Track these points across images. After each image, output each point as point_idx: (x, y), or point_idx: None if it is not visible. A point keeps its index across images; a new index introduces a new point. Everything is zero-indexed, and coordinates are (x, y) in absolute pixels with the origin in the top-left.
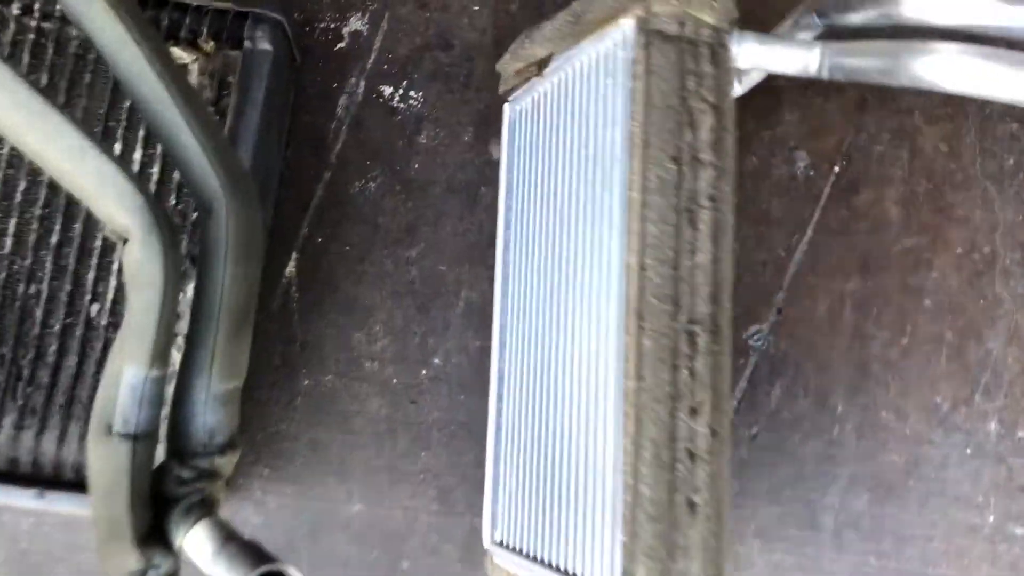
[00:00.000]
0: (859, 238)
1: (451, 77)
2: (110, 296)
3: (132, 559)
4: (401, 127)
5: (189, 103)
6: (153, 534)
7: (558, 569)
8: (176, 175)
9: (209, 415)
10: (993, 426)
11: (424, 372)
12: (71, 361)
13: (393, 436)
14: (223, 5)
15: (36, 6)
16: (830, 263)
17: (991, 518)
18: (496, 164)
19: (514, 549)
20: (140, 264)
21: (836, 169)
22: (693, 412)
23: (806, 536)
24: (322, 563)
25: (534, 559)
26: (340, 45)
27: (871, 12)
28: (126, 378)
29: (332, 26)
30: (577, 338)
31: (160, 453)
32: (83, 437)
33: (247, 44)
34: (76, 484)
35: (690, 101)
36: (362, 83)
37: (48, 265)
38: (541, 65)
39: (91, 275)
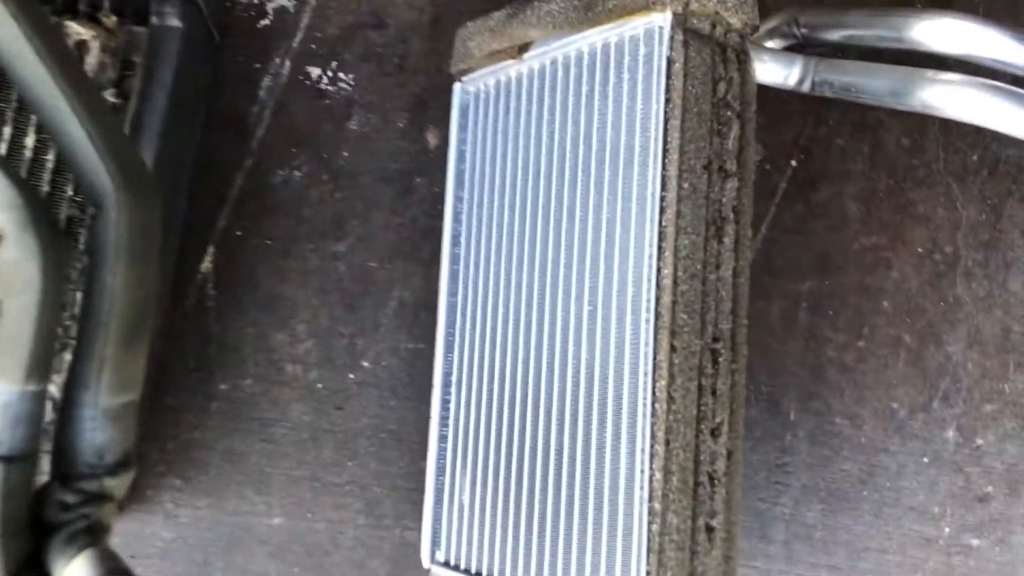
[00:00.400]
0: (816, 236)
1: (385, 58)
2: None
3: None
4: (329, 112)
5: (76, 87)
6: (30, 565)
7: None
8: None
9: (97, 432)
10: (951, 434)
11: (351, 376)
12: None
13: (317, 445)
14: None
15: None
16: (785, 262)
17: (947, 529)
18: (433, 153)
19: (468, 571)
20: (14, 265)
21: (793, 163)
22: (714, 434)
23: (755, 547)
24: None
25: None
26: (264, 22)
27: (867, 32)
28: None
29: (255, 1)
30: (584, 350)
31: None
32: None
33: (153, 20)
34: None
35: (719, 108)
36: (287, 64)
37: None
38: (523, 48)
39: None
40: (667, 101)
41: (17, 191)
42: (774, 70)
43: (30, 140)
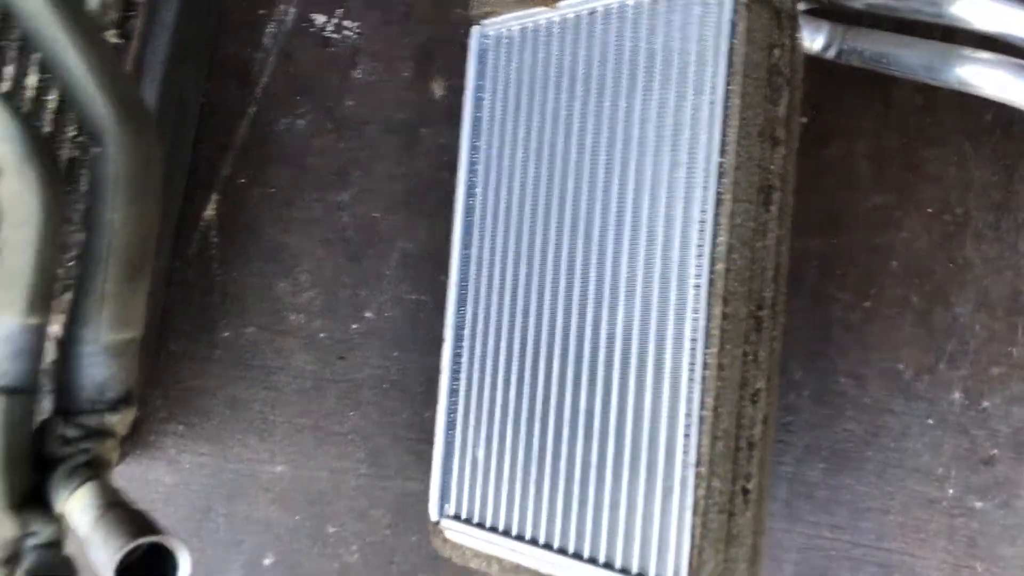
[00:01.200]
0: (825, 194)
1: (391, 6)
2: None
3: (7, 526)
4: (334, 60)
5: (75, 23)
6: (32, 499)
7: (576, 555)
8: None
9: (99, 368)
10: (957, 396)
11: (355, 326)
12: None
13: (320, 394)
14: None
15: None
16: (793, 219)
17: (951, 491)
18: (439, 103)
19: (481, 526)
20: (15, 198)
21: (804, 119)
22: (754, 400)
23: None
24: (241, 527)
25: (521, 539)
26: None
27: (902, 4)
28: (1, 328)
29: None
30: (620, 313)
31: None
32: None
33: None
34: None
35: (772, 75)
36: (292, 10)
37: None
38: None
39: None
40: (729, 65)
41: (17, 124)
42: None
43: (32, 80)
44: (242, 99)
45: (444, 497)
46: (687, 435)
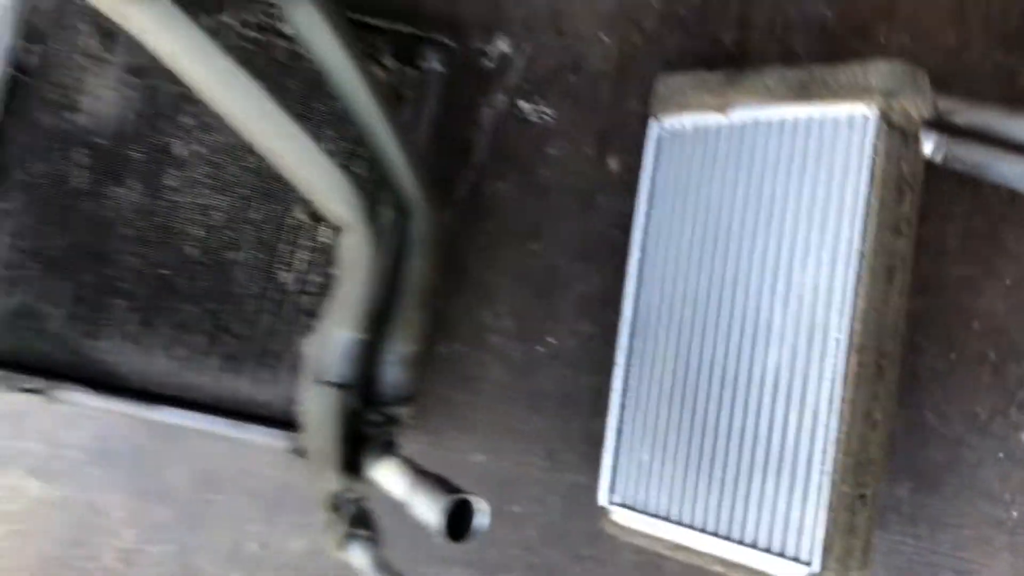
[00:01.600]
0: (921, 263)
1: (579, 97)
2: (299, 266)
3: (335, 482)
4: (533, 138)
5: (392, 121)
6: (350, 464)
7: (725, 536)
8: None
9: (396, 372)
10: (1023, 436)
11: (540, 349)
12: (266, 319)
13: (511, 401)
14: (405, 29)
15: (254, 20)
16: None
17: (1015, 514)
18: (613, 176)
19: (644, 511)
20: (355, 250)
21: None
22: (873, 427)
23: None
24: None
25: (678, 522)
26: (487, 63)
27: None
28: (339, 340)
29: (481, 47)
30: (772, 354)
31: None
32: (272, 382)
33: (424, 65)
34: (265, 419)
35: (901, 183)
36: (503, 98)
37: (250, 237)
38: (728, 106)
39: (285, 248)
40: (871, 177)
41: (355, 191)
42: None
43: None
44: (461, 167)
45: (612, 488)
46: (824, 451)
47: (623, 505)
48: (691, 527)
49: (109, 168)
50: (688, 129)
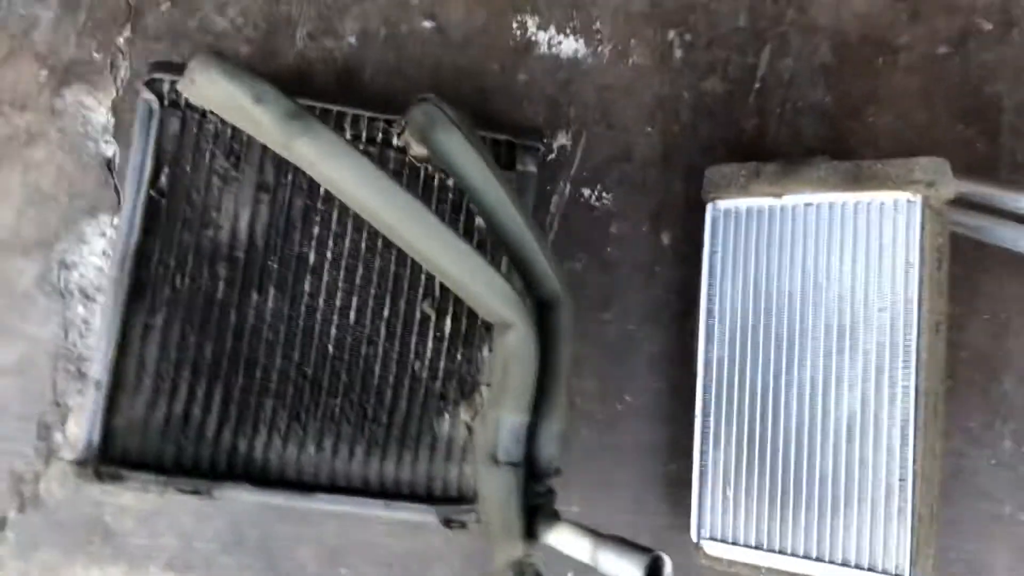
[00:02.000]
0: None
1: (633, 182)
2: (427, 356)
3: (519, 549)
4: (597, 220)
5: (535, 225)
6: (528, 532)
7: (816, 558)
8: None
9: (551, 447)
10: (1008, 443)
11: (619, 406)
12: (402, 405)
13: (598, 456)
14: (501, 136)
15: (369, 135)
16: None
17: (1007, 509)
18: (666, 248)
19: (736, 543)
20: (518, 345)
21: None
22: (934, 455)
23: None
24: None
25: (769, 549)
26: (551, 156)
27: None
28: (507, 424)
29: (546, 141)
30: (849, 401)
31: None
32: (413, 462)
33: (519, 167)
34: (410, 496)
35: (939, 252)
36: (568, 186)
37: (382, 331)
38: (783, 193)
39: (413, 339)
40: (920, 250)
41: (517, 295)
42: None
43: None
44: None
45: (701, 524)
46: (902, 479)
47: (712, 538)
48: (783, 552)
49: (248, 278)
50: (743, 210)
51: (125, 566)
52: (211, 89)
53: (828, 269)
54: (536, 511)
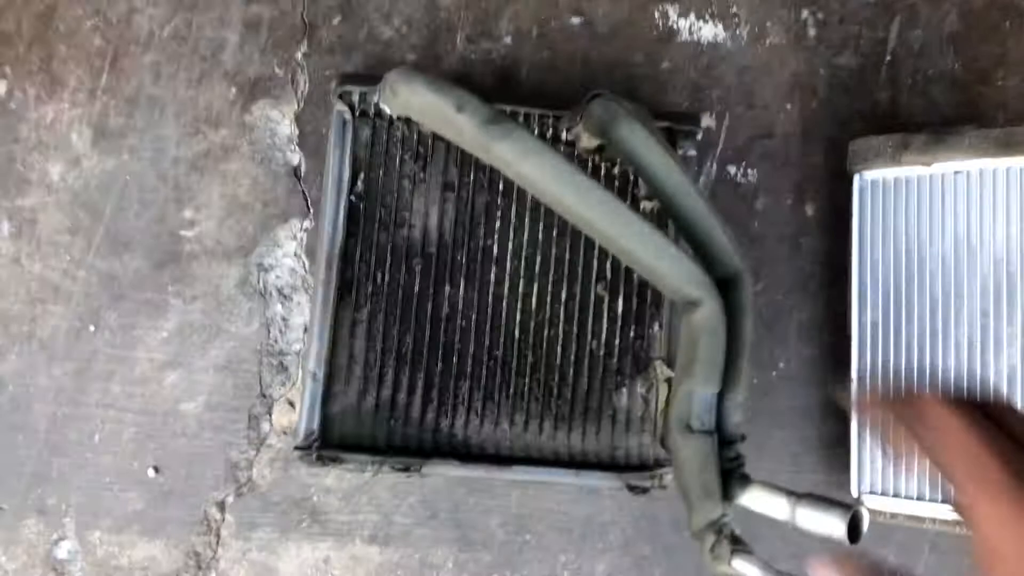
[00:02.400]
0: None
1: (775, 158)
2: (603, 335)
3: (717, 511)
4: (743, 196)
5: (712, 205)
6: (725, 495)
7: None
8: None
9: (737, 415)
10: None
11: (773, 373)
12: (583, 381)
13: (757, 420)
14: (662, 124)
15: (536, 131)
16: None
17: None
18: (811, 219)
19: (895, 495)
20: (709, 320)
21: None
22: None
23: None
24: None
25: (922, 499)
26: (697, 137)
27: None
28: (699, 394)
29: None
30: (1008, 356)
31: None
32: (596, 433)
33: (680, 151)
34: (596, 465)
35: None
36: (714, 165)
37: (561, 314)
38: (933, 162)
39: (589, 320)
40: None
41: (706, 277)
42: None
43: None
44: None
45: (861, 479)
46: None
47: (874, 492)
48: (947, 502)
49: (440, 272)
50: (891, 180)
51: (332, 541)
52: (414, 99)
53: (981, 233)
54: (728, 475)
